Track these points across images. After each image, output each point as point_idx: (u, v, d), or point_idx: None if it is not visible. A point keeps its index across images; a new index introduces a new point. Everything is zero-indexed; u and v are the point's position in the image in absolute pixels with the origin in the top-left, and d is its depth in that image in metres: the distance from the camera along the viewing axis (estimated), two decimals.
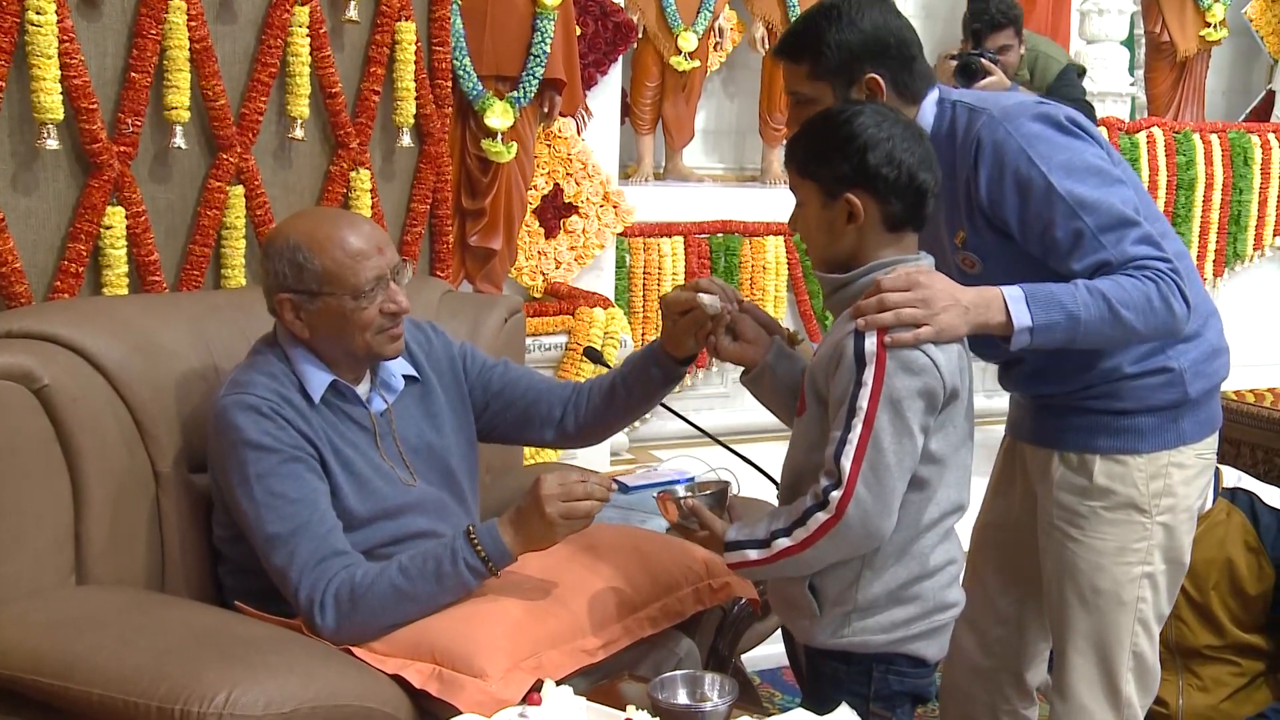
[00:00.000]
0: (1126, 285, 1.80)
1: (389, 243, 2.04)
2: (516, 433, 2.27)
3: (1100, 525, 2.00)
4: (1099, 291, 1.79)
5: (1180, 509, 2.03)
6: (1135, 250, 1.82)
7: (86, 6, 2.26)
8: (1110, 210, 1.83)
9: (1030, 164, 1.85)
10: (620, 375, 2.19)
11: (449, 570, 1.88)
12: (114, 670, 1.73)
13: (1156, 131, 5.38)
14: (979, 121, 1.90)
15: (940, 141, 1.91)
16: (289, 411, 1.95)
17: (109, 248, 2.32)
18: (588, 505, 1.89)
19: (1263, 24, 7.37)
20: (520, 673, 1.79)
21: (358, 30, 2.70)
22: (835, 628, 1.78)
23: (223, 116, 2.44)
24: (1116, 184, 1.87)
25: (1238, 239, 5.67)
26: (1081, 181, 1.84)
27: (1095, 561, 2.01)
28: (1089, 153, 1.88)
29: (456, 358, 2.21)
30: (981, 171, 1.88)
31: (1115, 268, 1.82)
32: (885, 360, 1.68)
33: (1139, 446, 1.99)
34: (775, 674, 3.21)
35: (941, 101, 1.97)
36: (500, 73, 3.97)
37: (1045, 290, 1.79)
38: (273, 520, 1.90)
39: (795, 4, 5.97)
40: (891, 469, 1.68)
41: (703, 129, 6.49)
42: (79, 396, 1.99)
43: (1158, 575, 2.03)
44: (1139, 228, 1.84)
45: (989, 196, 1.89)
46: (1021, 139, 1.86)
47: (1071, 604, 2.03)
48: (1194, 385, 2.00)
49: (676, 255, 5.18)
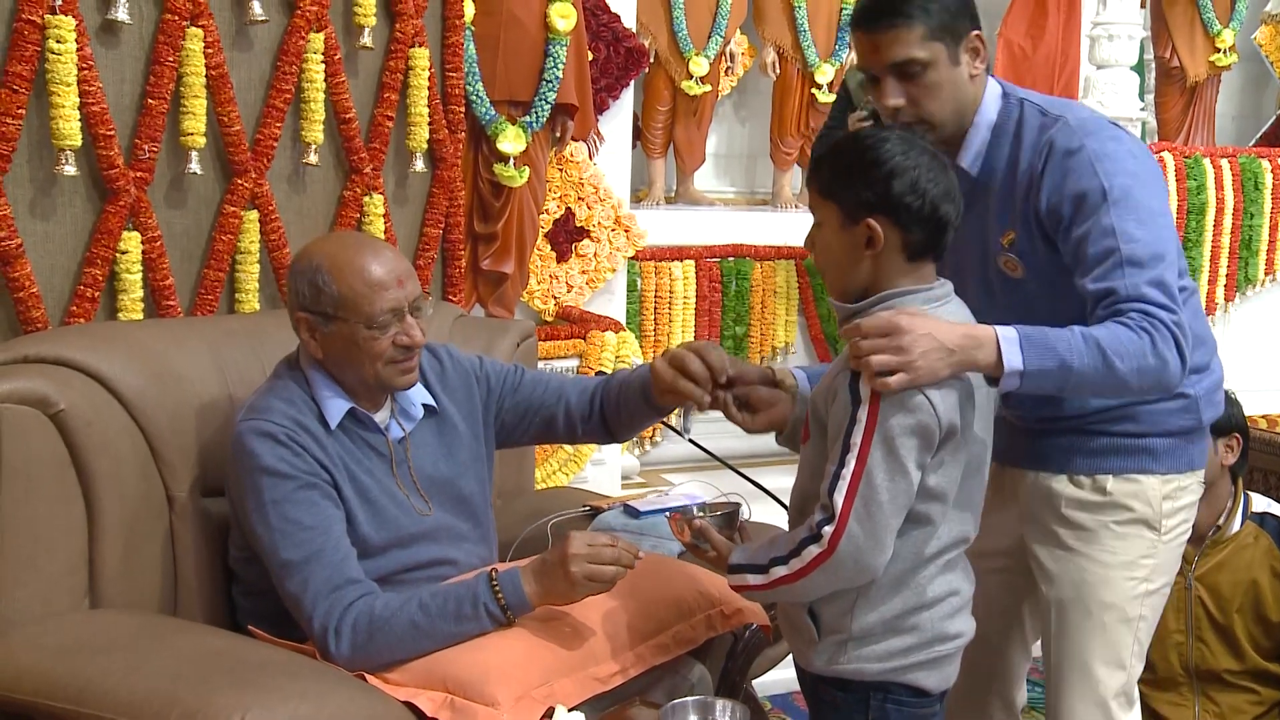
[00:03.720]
0: (1123, 337, 1.76)
1: (412, 276, 2.03)
2: (544, 434, 2.28)
3: (1110, 539, 2.01)
4: (1094, 340, 1.75)
5: (1181, 531, 2.04)
6: (1147, 291, 1.79)
7: (105, 34, 2.28)
8: (1146, 244, 1.82)
9: (1094, 176, 1.85)
10: (622, 389, 2.19)
11: (469, 613, 1.88)
12: (126, 694, 1.73)
13: (1167, 156, 5.38)
14: (1054, 127, 1.90)
15: (1004, 137, 1.93)
16: (305, 438, 1.96)
17: (125, 272, 2.33)
18: (613, 571, 1.89)
19: (1272, 50, 7.37)
20: (532, 701, 1.80)
21: (372, 56, 2.72)
22: (832, 654, 1.79)
23: (238, 142, 2.46)
24: (1163, 220, 1.87)
25: (1249, 264, 5.66)
26: (1132, 210, 1.84)
27: (1104, 575, 2.01)
28: (1149, 182, 1.88)
29: (472, 377, 2.21)
30: (1047, 178, 1.89)
31: (1120, 302, 1.80)
32: (879, 398, 1.68)
33: (1153, 467, 2.00)
34: (786, 699, 3.20)
35: (1007, 96, 1.97)
36: (513, 97, 3.99)
37: (1041, 335, 1.74)
38: (287, 547, 1.90)
39: (805, 27, 6.00)
40: (884, 506, 1.67)
41: (714, 153, 6.51)
42: (94, 421, 2.00)
43: (1155, 595, 2.05)
44: (1163, 269, 1.82)
45: (1049, 201, 1.89)
46: (1093, 153, 1.86)
47: (1075, 620, 2.03)
48: (1206, 413, 2.02)
49: (688, 279, 5.19)
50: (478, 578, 1.92)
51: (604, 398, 2.21)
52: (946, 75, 1.91)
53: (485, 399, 2.21)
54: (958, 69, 1.92)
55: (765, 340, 5.50)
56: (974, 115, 1.96)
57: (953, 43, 1.90)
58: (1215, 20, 6.97)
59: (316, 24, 2.55)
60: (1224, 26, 7.00)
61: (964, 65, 1.93)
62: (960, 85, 1.93)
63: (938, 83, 1.90)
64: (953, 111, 1.94)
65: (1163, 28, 7.05)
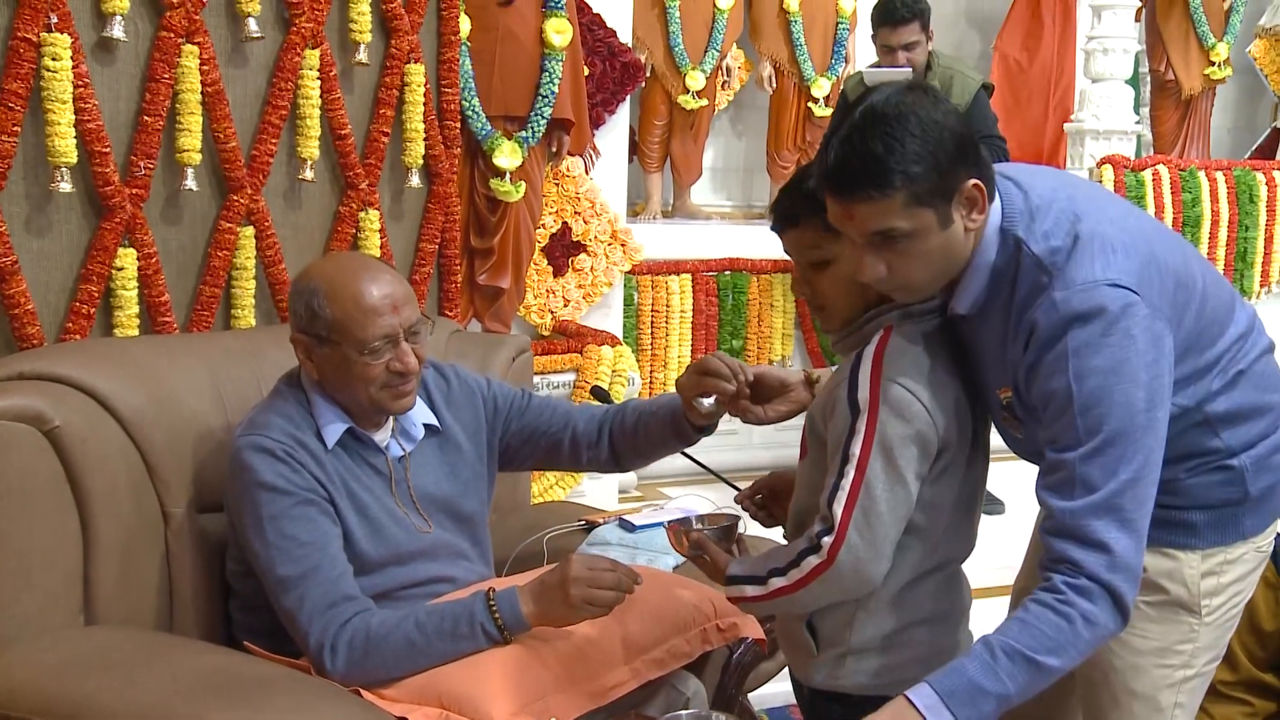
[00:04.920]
0: (1048, 629, 1.59)
1: (410, 301, 2.02)
2: (549, 460, 2.29)
3: (1142, 622, 1.76)
4: (1017, 653, 1.58)
5: (1230, 607, 1.82)
6: (1085, 526, 1.60)
7: (101, 52, 2.29)
8: (1103, 460, 1.61)
9: (1063, 375, 1.62)
10: (641, 417, 2.19)
11: (465, 631, 1.88)
12: (121, 711, 1.73)
13: (1162, 169, 5.40)
14: (1042, 297, 1.65)
15: (1001, 283, 1.71)
16: (303, 455, 1.96)
17: (120, 289, 2.33)
18: (613, 596, 1.89)
19: (1267, 63, 7.40)
20: (527, 717, 1.79)
21: (367, 73, 2.73)
22: (830, 668, 1.79)
23: (234, 159, 2.46)
24: (1140, 421, 1.62)
25: (1244, 276, 5.68)
26: (1100, 421, 1.61)
27: (1133, 662, 1.80)
28: (1137, 375, 1.62)
29: (478, 396, 2.21)
30: (1028, 357, 1.67)
31: (1053, 536, 1.62)
32: (879, 408, 1.68)
33: (1193, 542, 1.78)
34: (783, 712, 3.19)
35: (1005, 233, 1.70)
36: (509, 113, 4.01)
37: (961, 681, 1.58)
38: (284, 562, 1.90)
39: (801, 41, 6.02)
40: (884, 516, 1.68)
41: (710, 167, 6.53)
42: (89, 438, 2.00)
43: (1196, 678, 1.83)
44: (1118, 488, 1.60)
45: (1028, 384, 1.69)
46: (1071, 348, 1.62)
47: (1104, 707, 1.84)
48: (1256, 482, 1.77)
49: (684, 293, 5.20)
50: (474, 596, 1.92)
51: (615, 425, 2.21)
52: (935, 241, 1.64)
53: (491, 420, 2.21)
54: (949, 230, 1.65)
55: (762, 353, 5.51)
56: (971, 259, 1.71)
57: (943, 203, 1.62)
58: (1210, 34, 7.01)
59: (312, 40, 2.56)
60: (1218, 40, 7.03)
61: (957, 223, 1.65)
62: (951, 247, 1.66)
63: (924, 251, 1.64)
64: (942, 275, 1.70)
65: (1158, 41, 7.08)
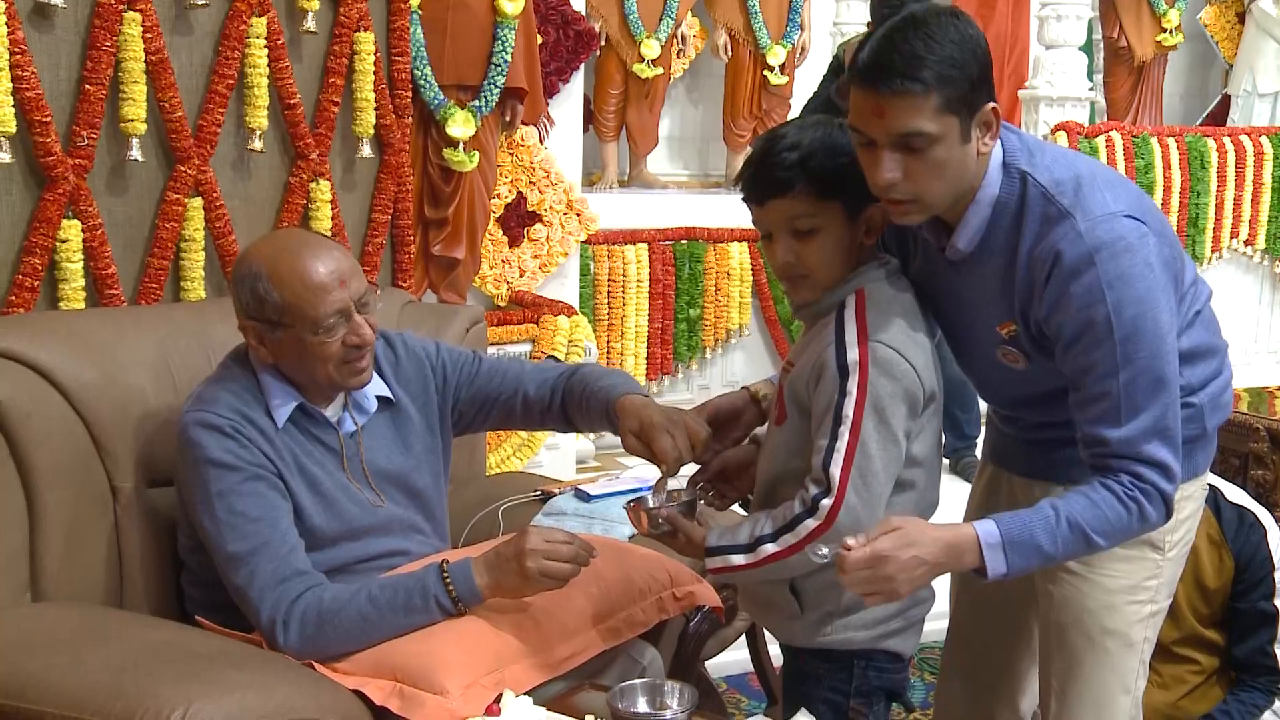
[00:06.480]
0: (1109, 514, 1.67)
1: (356, 273, 1.99)
2: (503, 423, 2.27)
3: (1112, 563, 1.86)
4: (1079, 526, 1.66)
5: (1185, 542, 1.92)
6: (1143, 450, 1.66)
7: (38, 18, 2.24)
8: (1148, 381, 1.66)
9: (1101, 305, 1.64)
10: (586, 391, 2.14)
11: (418, 604, 1.87)
12: (69, 689, 1.71)
13: (1115, 136, 5.43)
14: (1060, 226, 1.67)
15: (1004, 216, 1.72)
16: (251, 430, 1.94)
17: (65, 261, 2.29)
18: (568, 569, 1.88)
19: (1217, 30, 7.47)
20: (481, 688, 1.79)
21: (316, 41, 2.69)
22: (817, 627, 1.82)
23: (180, 128, 2.42)
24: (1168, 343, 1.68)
25: (1196, 241, 5.73)
26: (1138, 345, 1.65)
27: (1107, 601, 1.88)
28: (1159, 297, 1.67)
29: (427, 366, 2.17)
30: (1050, 291, 1.68)
31: (1112, 456, 1.68)
32: (869, 368, 1.71)
33: None
34: (741, 680, 3.22)
35: (1008, 167, 1.72)
36: (461, 82, 3.97)
37: (1024, 531, 1.65)
38: (233, 539, 1.89)
39: (756, 10, 6.00)
40: (879, 474, 1.71)
41: (666, 136, 6.52)
42: (33, 413, 1.97)
43: (1160, 615, 1.93)
44: (1164, 403, 1.67)
45: (1050, 316, 1.70)
46: (1102, 277, 1.64)
47: (1078, 648, 1.91)
48: (1211, 419, 1.87)
49: (641, 262, 5.19)
50: (428, 569, 1.91)
51: (566, 394, 2.18)
52: (955, 153, 1.64)
53: (441, 389, 2.19)
54: (967, 146, 1.66)
55: (720, 323, 5.51)
56: (976, 191, 1.72)
57: (967, 116, 1.63)
58: (1162, 1, 7.05)
59: (259, 8, 2.52)
60: (1170, 7, 7.08)
61: (974, 142, 1.66)
62: (966, 164, 1.67)
63: (944, 161, 1.64)
64: (952, 194, 1.70)
65: (1110, 8, 7.13)
